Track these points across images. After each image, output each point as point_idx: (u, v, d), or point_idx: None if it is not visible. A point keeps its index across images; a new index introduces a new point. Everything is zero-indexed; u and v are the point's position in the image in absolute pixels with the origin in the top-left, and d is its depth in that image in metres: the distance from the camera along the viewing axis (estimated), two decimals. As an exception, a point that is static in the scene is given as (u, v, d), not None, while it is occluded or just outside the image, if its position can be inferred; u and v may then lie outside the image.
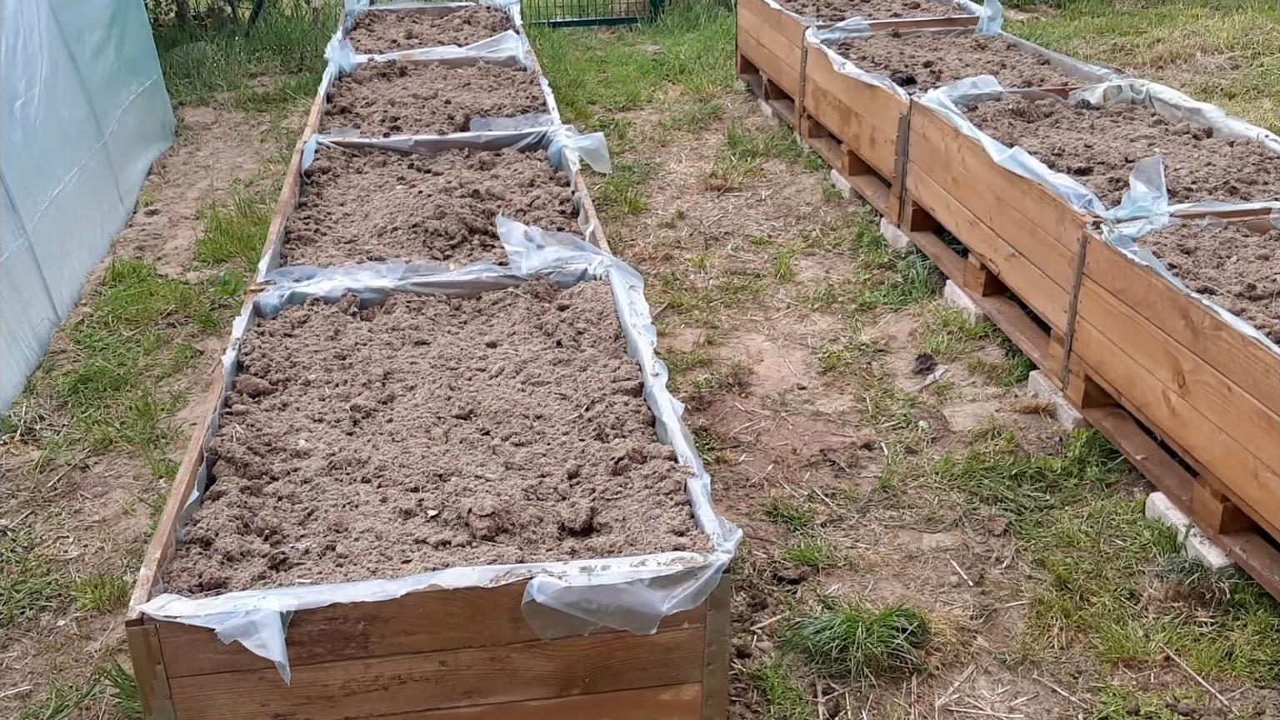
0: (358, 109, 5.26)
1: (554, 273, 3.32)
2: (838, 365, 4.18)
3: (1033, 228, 3.78)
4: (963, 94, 4.68)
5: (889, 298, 4.64)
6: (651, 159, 6.44)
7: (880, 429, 3.78)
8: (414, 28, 7.00)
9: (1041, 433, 3.68)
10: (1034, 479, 3.43)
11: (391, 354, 2.97)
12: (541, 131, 4.65)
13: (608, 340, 2.98)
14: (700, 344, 4.38)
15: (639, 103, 7.47)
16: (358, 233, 3.82)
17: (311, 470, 2.46)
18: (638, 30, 9.46)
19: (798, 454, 3.68)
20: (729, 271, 5.01)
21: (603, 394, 2.69)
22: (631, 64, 8.33)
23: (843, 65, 5.31)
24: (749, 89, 7.45)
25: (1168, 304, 3.05)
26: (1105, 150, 4.14)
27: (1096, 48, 7.75)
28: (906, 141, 4.80)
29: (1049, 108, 4.65)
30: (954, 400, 3.91)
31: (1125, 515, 3.23)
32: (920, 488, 3.46)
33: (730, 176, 6.04)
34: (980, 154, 4.05)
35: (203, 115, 7.58)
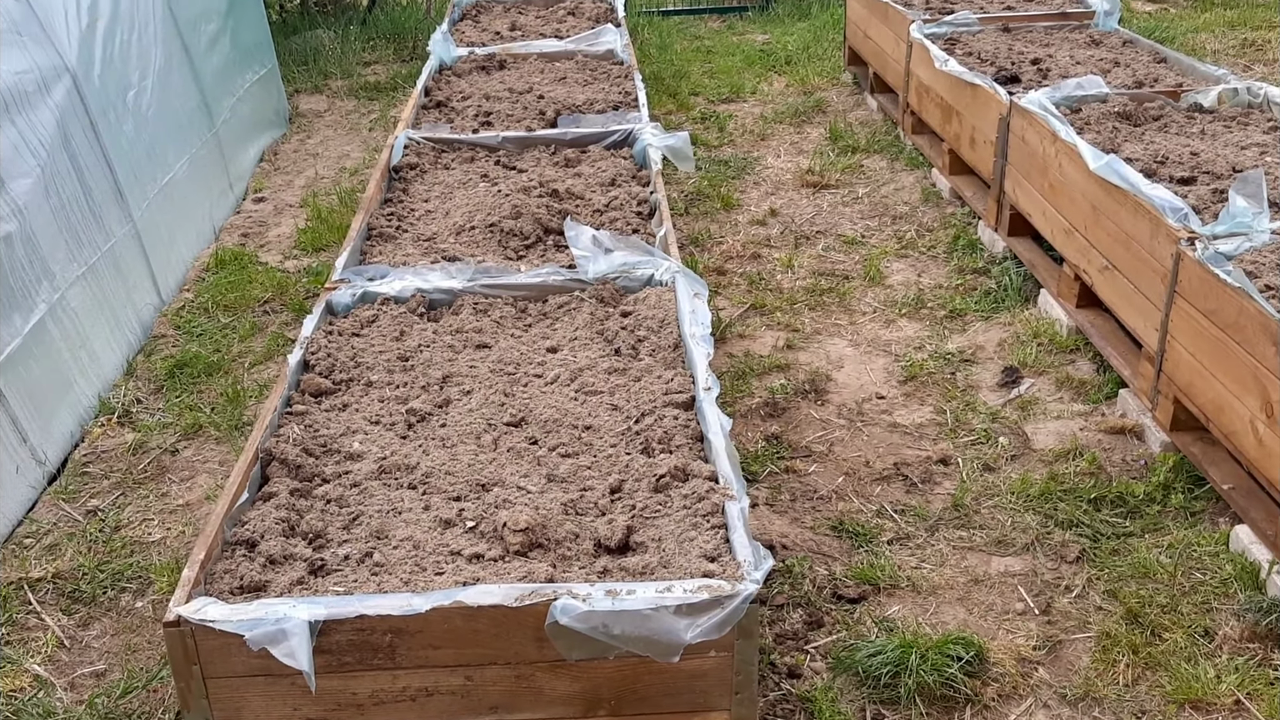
0: (453, 103, 5.33)
1: (620, 277, 3.31)
2: (920, 375, 4.08)
3: (1126, 240, 3.61)
4: (1066, 95, 4.50)
5: (980, 305, 4.51)
6: (750, 153, 6.37)
7: (958, 443, 3.68)
8: (519, 19, 7.06)
9: (1127, 455, 3.52)
10: (1114, 504, 3.29)
11: (453, 357, 3.00)
12: (628, 129, 4.64)
13: (666, 350, 2.95)
14: (780, 347, 4.32)
15: (742, 94, 7.39)
16: (437, 230, 3.87)
17: (362, 474, 2.51)
18: (749, 19, 9.36)
19: (870, 466, 3.61)
20: (817, 272, 4.93)
21: (653, 406, 2.67)
22: (739, 54, 8.24)
23: (945, 62, 5.15)
24: (856, 82, 7.30)
25: (1259, 329, 2.88)
26: (1212, 158, 3.94)
27: (1226, 43, 7.37)
28: (1005, 143, 4.64)
29: (1158, 111, 4.44)
30: (1038, 416, 3.77)
31: (1208, 547, 3.08)
32: (994, 508, 3.35)
33: (828, 172, 5.94)
34: (1077, 160, 3.89)
35: (316, 103, 7.77)
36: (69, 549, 3.39)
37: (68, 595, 3.22)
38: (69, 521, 3.53)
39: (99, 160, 4.41)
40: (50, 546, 3.42)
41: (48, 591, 3.23)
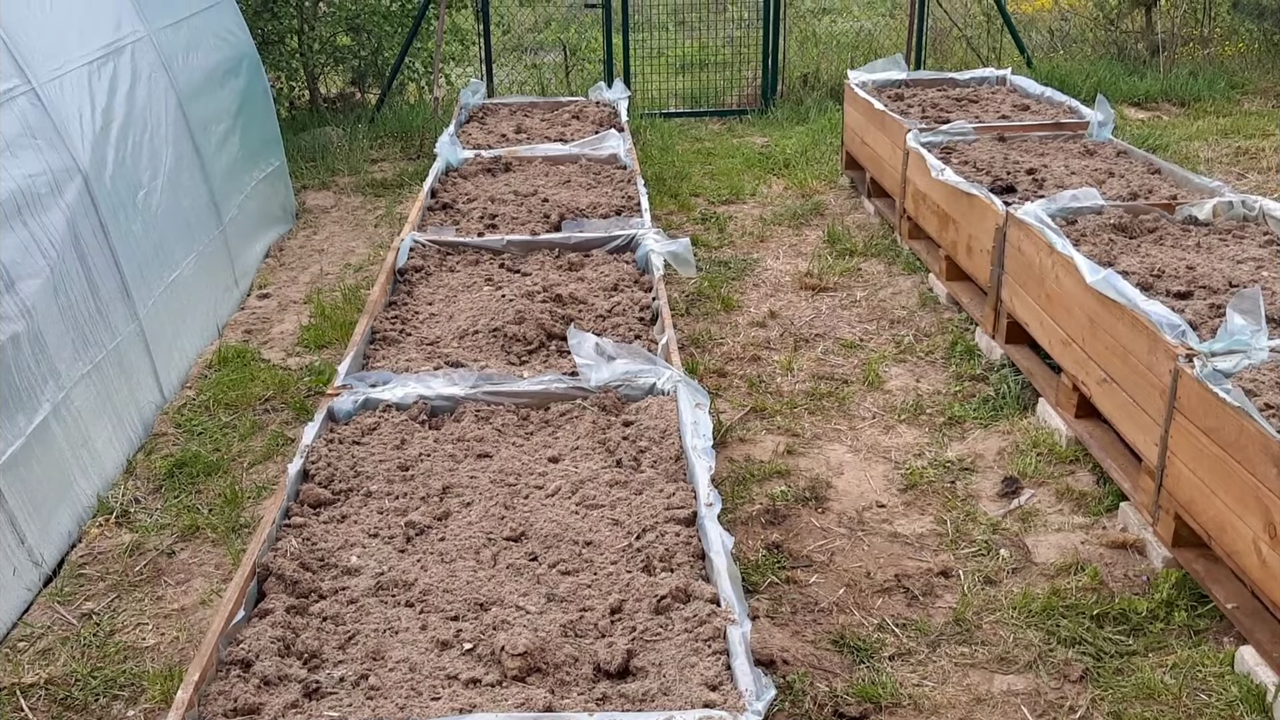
0: (459, 205, 5.41)
1: (622, 386, 3.33)
2: (920, 483, 4.07)
3: (1124, 354, 3.64)
4: (1062, 207, 4.57)
5: (979, 412, 4.52)
6: (749, 255, 6.44)
7: (959, 555, 3.66)
8: (525, 121, 7.19)
9: (1129, 570, 3.50)
10: (1117, 620, 3.26)
11: (453, 466, 3.00)
12: (631, 234, 4.70)
13: (668, 461, 2.96)
14: (780, 453, 4.32)
15: (742, 196, 7.50)
16: (441, 334, 3.90)
17: (359, 590, 2.49)
18: (748, 122, 9.54)
19: (871, 577, 3.58)
20: (816, 376, 4.95)
21: (655, 522, 2.67)
22: (738, 156, 8.39)
23: (941, 172, 5.24)
24: (853, 185, 7.42)
25: (1259, 449, 2.89)
26: (1209, 272, 3.99)
27: (1219, 150, 7.51)
28: (1002, 253, 4.70)
29: (1153, 223, 4.51)
30: (1038, 528, 3.76)
31: (1213, 667, 3.05)
32: (996, 623, 3.32)
33: (826, 275, 6.00)
34: (1074, 272, 3.94)
35: (323, 199, 7.88)
36: (63, 654, 3.35)
37: (60, 702, 3.18)
38: (63, 625, 3.50)
39: (108, 260, 4.46)
40: (44, 651, 3.38)
41: (40, 698, 3.19)
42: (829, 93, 9.53)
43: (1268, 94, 8.87)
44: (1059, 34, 10.59)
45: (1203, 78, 9.20)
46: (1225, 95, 8.91)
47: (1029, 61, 9.57)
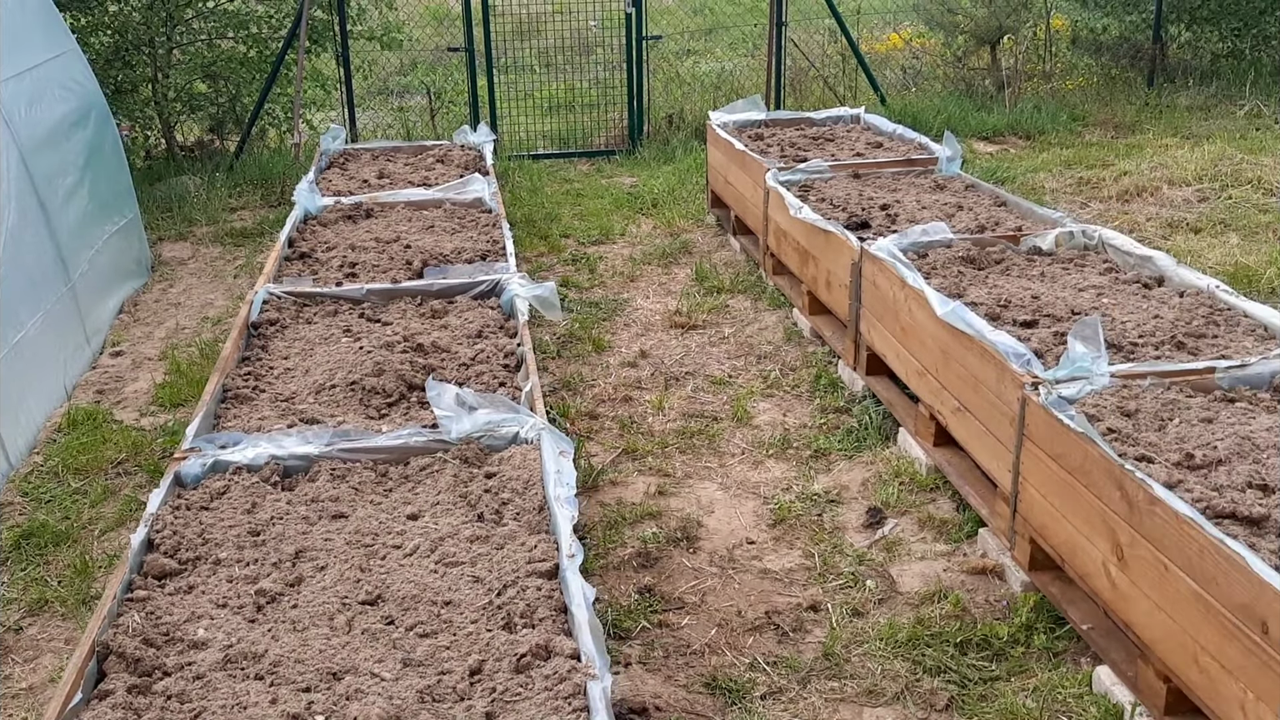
0: (318, 254, 5.30)
1: (485, 436, 3.28)
2: (788, 517, 4.11)
3: (976, 383, 3.74)
4: (913, 241, 4.70)
5: (843, 444, 4.59)
6: (620, 294, 6.46)
7: (827, 588, 3.69)
8: (387, 166, 7.10)
9: (989, 595, 3.58)
10: (980, 647, 3.33)
11: (307, 529, 2.91)
12: (495, 279, 4.66)
13: (531, 512, 2.92)
14: (651, 494, 4.32)
15: (612, 236, 7.54)
16: (296, 390, 3.79)
17: (206, 664, 2.38)
18: (616, 162, 9.61)
19: (742, 616, 3.59)
20: (687, 414, 4.97)
21: (516, 577, 2.62)
22: (607, 197, 8.43)
23: (799, 209, 5.35)
24: (719, 223, 7.52)
25: (1104, 473, 2.99)
26: (1052, 301, 4.14)
27: (1063, 181, 7.84)
28: (859, 287, 4.80)
29: (1000, 254, 4.67)
30: (902, 557, 3.82)
31: (1072, 689, 3.13)
32: (864, 655, 3.36)
33: (695, 313, 6.05)
34: (925, 305, 4.04)
35: (180, 250, 7.64)
36: (-112, 751, 3.13)
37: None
38: (-111, 718, 3.27)
39: (-62, 324, 4.23)
40: None
41: None
42: (694, 132, 9.67)
43: (1106, 125, 9.32)
44: (911, 72, 10.96)
45: (1046, 111, 9.62)
46: (1067, 128, 9.33)
47: (883, 99, 9.88)
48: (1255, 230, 6.56)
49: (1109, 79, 10.78)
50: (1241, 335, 3.75)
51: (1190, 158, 7.98)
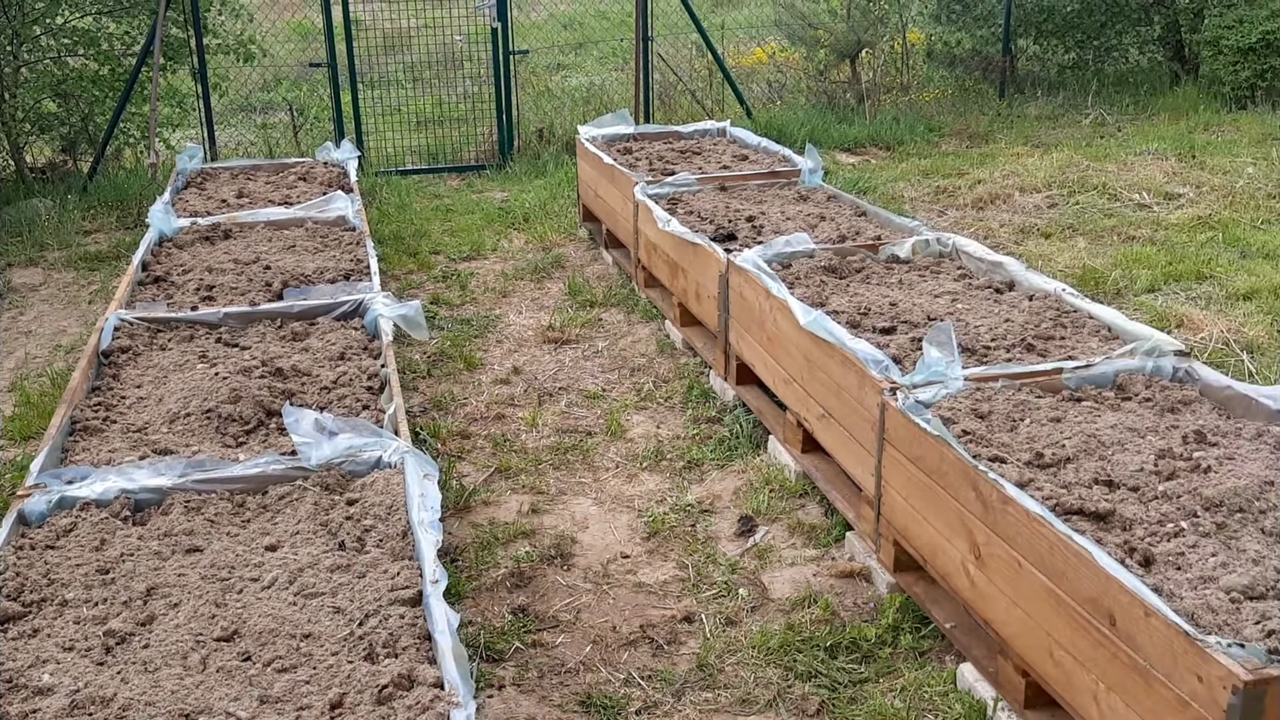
0: (173, 277, 5.12)
1: (346, 461, 3.20)
2: (662, 529, 4.12)
3: (838, 390, 3.82)
4: (777, 252, 4.77)
5: (715, 453, 4.63)
6: (491, 311, 6.41)
7: (701, 599, 3.71)
8: (247, 185, 6.92)
9: (857, 598, 3.65)
10: (849, 650, 3.39)
11: (159, 565, 2.80)
12: (359, 299, 4.58)
13: (395, 539, 2.86)
14: (525, 512, 4.28)
15: (483, 252, 7.48)
16: (149, 420, 3.65)
17: (51, 712, 2.27)
18: (486, 177, 9.54)
19: (617, 631, 3.58)
20: (561, 430, 4.95)
21: (379, 605, 2.56)
22: (478, 212, 8.36)
23: (668, 223, 5.39)
24: (591, 237, 7.53)
25: (959, 474, 3.08)
26: (910, 308, 4.24)
27: (921, 190, 8.07)
28: (727, 298, 4.86)
29: (860, 263, 4.77)
30: (774, 564, 3.87)
31: (938, 687, 3.20)
32: (737, 664, 3.38)
33: (568, 328, 6.04)
34: (789, 315, 4.11)
35: (31, 276, 7.31)
36: None
37: None
38: None
39: None
40: None
41: None
42: (565, 146, 9.67)
43: (961, 135, 9.64)
44: (776, 85, 11.17)
45: (904, 123, 9.90)
46: (925, 138, 9.62)
47: (749, 113, 10.04)
48: (1101, 234, 6.85)
49: (963, 90, 11.16)
50: (1087, 336, 3.91)
51: (1040, 165, 8.30)
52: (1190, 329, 5.33)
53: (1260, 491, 2.86)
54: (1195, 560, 2.63)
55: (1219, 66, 10.04)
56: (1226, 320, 5.38)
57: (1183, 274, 6.04)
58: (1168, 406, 3.37)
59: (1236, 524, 2.77)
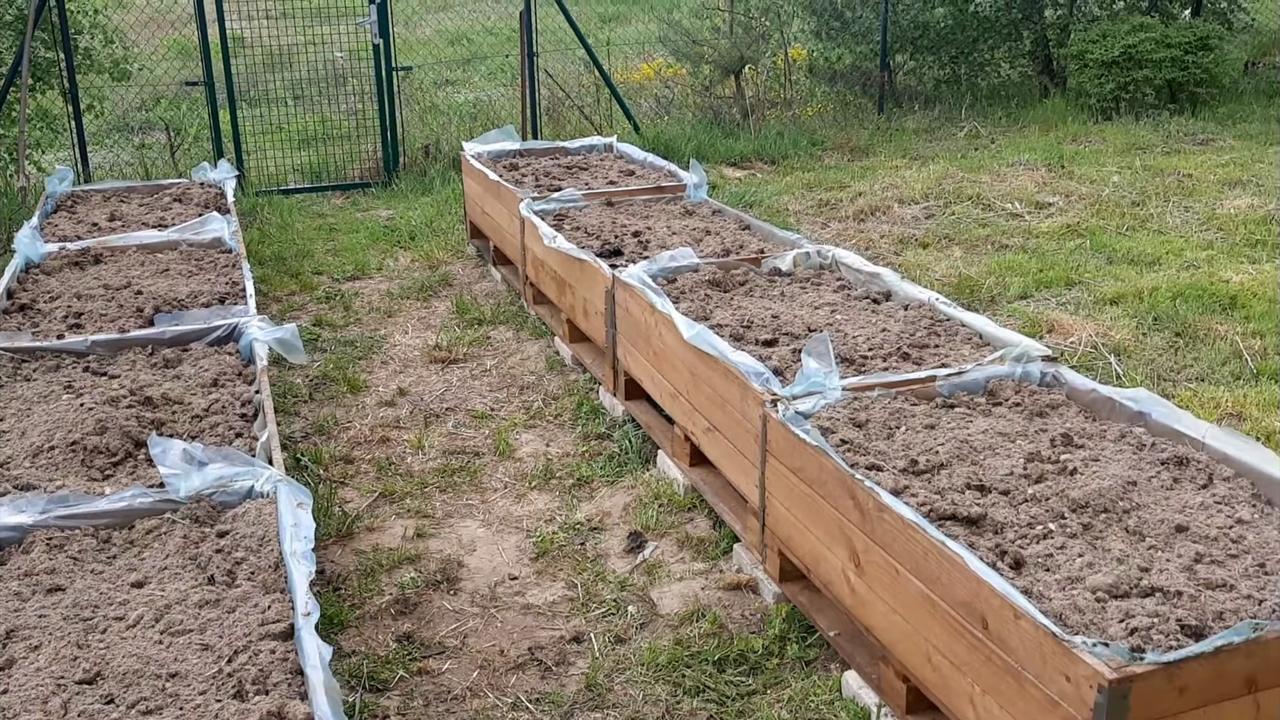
0: (40, 305, 4.92)
1: (216, 492, 3.11)
2: (551, 549, 4.09)
3: (722, 403, 3.84)
4: (662, 267, 4.79)
5: (605, 470, 4.62)
6: (376, 331, 6.31)
7: (590, 618, 3.69)
8: (120, 208, 6.70)
9: (745, 610, 3.67)
10: (737, 662, 3.40)
11: (19, 606, 2.67)
12: (233, 323, 4.46)
13: (266, 570, 2.78)
14: (410, 537, 4.21)
15: (368, 271, 7.36)
16: (11, 454, 3.49)
17: (-108, 770, 2.14)
18: (372, 195, 9.41)
19: (505, 654, 3.54)
20: (448, 451, 4.88)
21: (249, 641, 2.49)
22: (363, 231, 8.23)
23: (554, 239, 5.37)
24: (479, 254, 7.47)
25: (838, 484, 3.11)
26: (791, 320, 4.30)
27: (805, 203, 8.20)
28: (614, 314, 4.86)
29: (743, 277, 4.82)
30: (663, 579, 3.87)
31: (824, 696, 3.23)
32: (626, 683, 3.37)
33: (456, 347, 5.97)
34: (674, 329, 4.12)
35: (-116, 305, 6.94)
36: None
37: None
38: None
39: None
40: None
41: None
42: (451, 163, 9.58)
43: (843, 149, 9.83)
44: (664, 101, 11.25)
45: (788, 137, 10.06)
46: (808, 152, 9.79)
47: (636, 128, 10.09)
48: (976, 243, 7.05)
49: (844, 105, 11.39)
50: (960, 344, 4.00)
51: (918, 177, 8.50)
52: (1061, 334, 5.51)
53: (1124, 491, 2.96)
54: (1063, 561, 2.71)
55: (1085, 79, 10.43)
56: (1095, 324, 5.58)
57: (1053, 280, 6.24)
58: (1036, 411, 3.47)
59: (1102, 524, 2.85)
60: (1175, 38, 10.20)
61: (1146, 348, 5.32)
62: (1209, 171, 8.32)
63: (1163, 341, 5.38)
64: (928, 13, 11.29)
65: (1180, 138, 9.51)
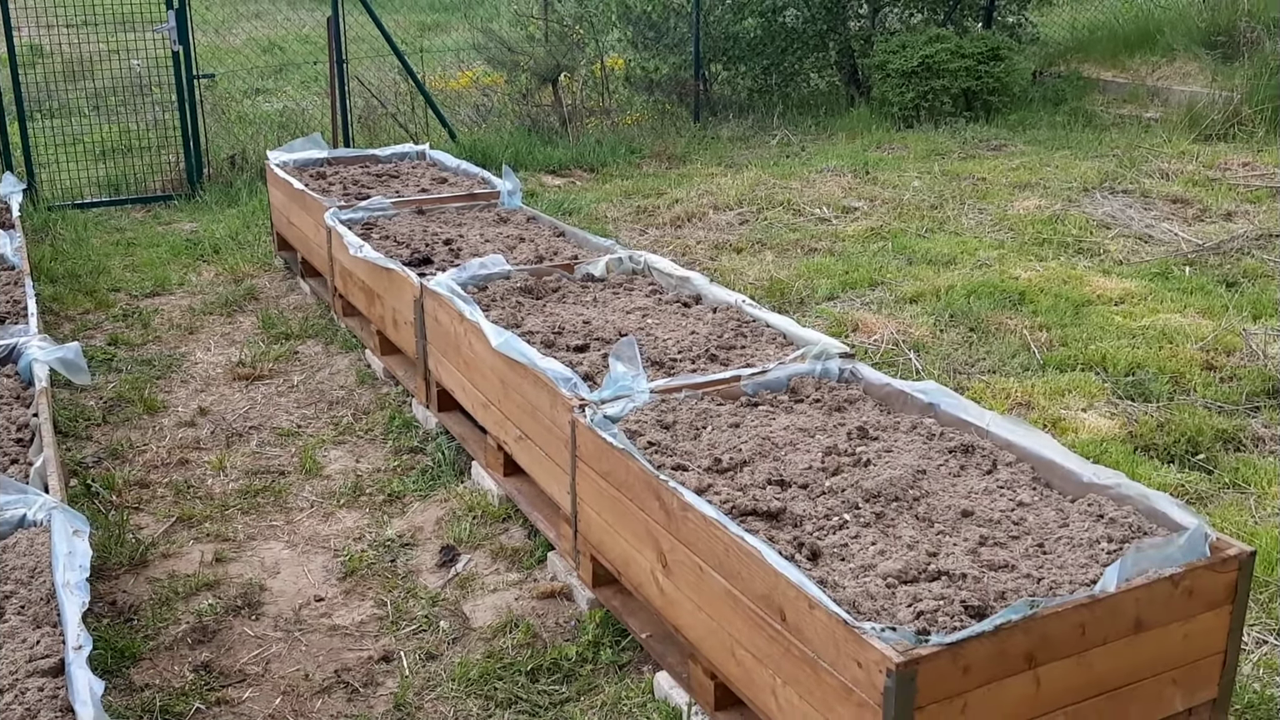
0: None
1: (-16, 525, 2.89)
2: (360, 568, 3.97)
3: (533, 410, 3.80)
4: (473, 275, 4.72)
5: (418, 484, 4.52)
6: (177, 349, 6.02)
7: (400, 636, 3.59)
8: (-116, 222, 6.20)
9: (560, 617, 3.64)
10: (551, 671, 3.36)
11: None
12: (12, 344, 4.17)
13: (37, 604, 2.59)
14: (209, 562, 4.02)
15: (169, 287, 7.02)
16: None
17: None
18: (175, 208, 8.99)
19: (310, 679, 3.40)
20: (251, 472, 4.69)
21: (15, 679, 2.31)
22: (164, 245, 7.86)
23: (360, 249, 5.23)
24: (287, 267, 7.22)
25: (644, 485, 3.12)
26: (603, 325, 4.30)
27: (624, 210, 8.26)
28: (423, 324, 4.76)
29: (556, 283, 4.80)
30: (476, 592, 3.80)
31: (637, 699, 3.23)
32: (437, 700, 3.29)
33: (261, 363, 5.75)
34: (483, 338, 4.06)
35: None
36: None
37: None
38: None
39: None
40: None
41: None
42: (258, 173, 9.25)
43: (661, 157, 9.94)
44: (483, 109, 11.16)
45: (607, 145, 10.11)
46: (627, 160, 9.86)
47: (453, 135, 9.97)
48: (787, 247, 7.23)
49: (661, 114, 11.53)
50: (765, 344, 4.08)
51: (732, 184, 8.67)
52: (865, 332, 5.69)
53: (914, 480, 3.06)
54: (857, 550, 2.78)
55: (887, 89, 10.86)
56: (896, 322, 5.79)
57: (858, 281, 6.45)
58: (835, 406, 3.56)
59: (894, 512, 2.94)
60: (969, 48, 10.72)
61: (943, 343, 5.55)
62: (1001, 175, 8.77)
63: (958, 337, 5.63)
64: (738, 24, 11.54)
65: (975, 144, 9.99)
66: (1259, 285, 6.22)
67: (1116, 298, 6.12)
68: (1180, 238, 7.12)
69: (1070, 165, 8.97)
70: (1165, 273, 6.48)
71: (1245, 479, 4.25)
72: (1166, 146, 9.48)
